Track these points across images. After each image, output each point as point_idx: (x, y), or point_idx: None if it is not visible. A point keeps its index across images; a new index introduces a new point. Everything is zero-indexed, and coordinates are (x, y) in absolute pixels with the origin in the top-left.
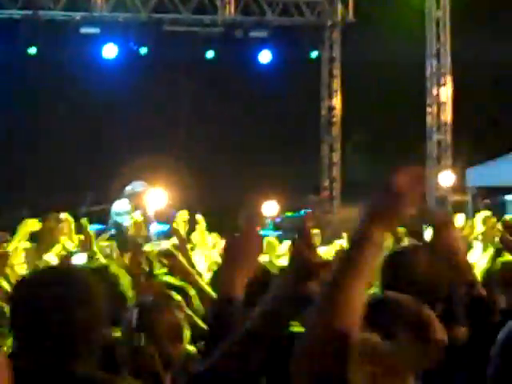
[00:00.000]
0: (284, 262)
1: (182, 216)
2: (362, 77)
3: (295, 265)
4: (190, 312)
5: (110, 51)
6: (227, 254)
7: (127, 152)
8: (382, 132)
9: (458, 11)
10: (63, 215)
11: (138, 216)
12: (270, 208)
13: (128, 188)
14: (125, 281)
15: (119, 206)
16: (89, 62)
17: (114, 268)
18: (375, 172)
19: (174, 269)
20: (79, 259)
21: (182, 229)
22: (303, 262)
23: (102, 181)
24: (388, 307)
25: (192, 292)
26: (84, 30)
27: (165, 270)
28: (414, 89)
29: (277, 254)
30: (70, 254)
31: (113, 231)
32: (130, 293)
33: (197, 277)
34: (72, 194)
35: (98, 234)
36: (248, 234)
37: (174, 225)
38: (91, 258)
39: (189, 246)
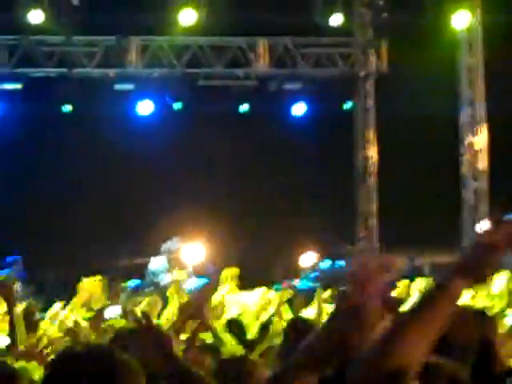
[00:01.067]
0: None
1: (230, 272)
2: (395, 127)
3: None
4: None
5: (145, 107)
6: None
7: (165, 207)
8: (417, 182)
9: (491, 58)
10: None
11: (176, 274)
12: (308, 259)
13: (164, 246)
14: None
15: (156, 264)
16: (124, 119)
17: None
18: (412, 222)
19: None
20: (112, 312)
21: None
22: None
23: (140, 236)
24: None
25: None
26: (118, 87)
27: None
28: (448, 139)
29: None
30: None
31: (151, 289)
32: None
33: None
34: (112, 245)
35: (135, 289)
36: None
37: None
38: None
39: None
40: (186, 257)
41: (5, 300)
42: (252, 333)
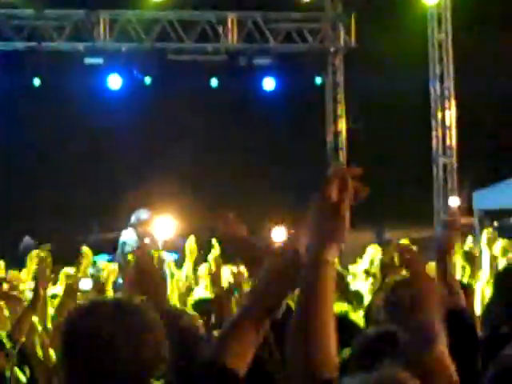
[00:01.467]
0: None
1: (191, 243)
2: (365, 102)
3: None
4: None
5: (114, 82)
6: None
7: (133, 180)
8: (388, 157)
9: (459, 33)
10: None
11: (146, 242)
12: (279, 233)
13: (133, 217)
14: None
15: (126, 236)
16: (93, 93)
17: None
18: (380, 196)
19: None
20: (85, 284)
21: (193, 256)
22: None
23: (108, 209)
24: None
25: None
26: (88, 61)
27: None
28: (418, 113)
29: None
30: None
31: (121, 260)
32: None
33: None
34: (79, 221)
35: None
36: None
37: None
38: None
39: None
40: (156, 230)
41: None
42: None
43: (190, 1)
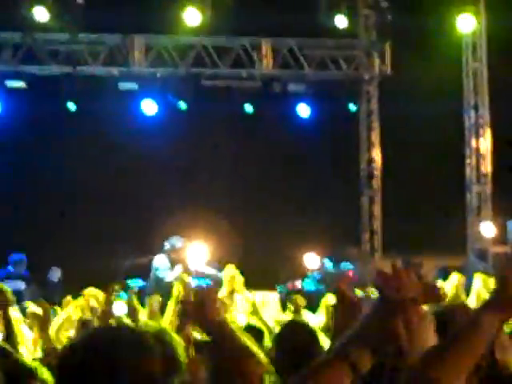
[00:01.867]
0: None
1: (230, 271)
2: (399, 129)
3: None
4: None
5: (149, 107)
6: None
7: (167, 207)
8: (421, 184)
9: (494, 61)
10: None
11: (179, 271)
12: (311, 260)
13: (167, 243)
14: (179, 346)
15: (159, 262)
16: (128, 118)
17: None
18: (415, 224)
19: None
20: (118, 309)
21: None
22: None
23: (142, 235)
24: None
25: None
26: (123, 86)
27: None
28: (452, 141)
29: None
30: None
31: (154, 286)
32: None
33: None
34: (113, 245)
35: (140, 289)
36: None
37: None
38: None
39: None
40: (189, 256)
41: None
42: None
43: (225, 26)
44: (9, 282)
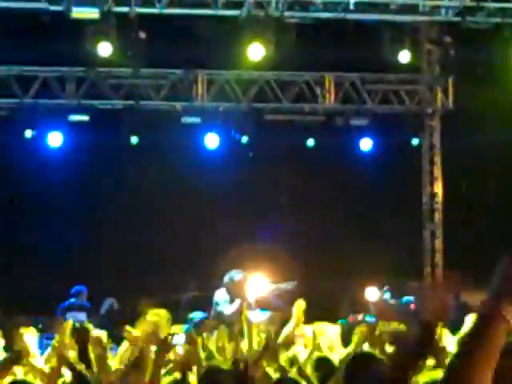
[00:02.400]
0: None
1: (300, 305)
2: (462, 163)
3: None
4: None
5: (211, 141)
6: None
7: (231, 240)
8: (484, 218)
9: None
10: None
11: (237, 304)
12: (372, 293)
13: (226, 277)
14: None
15: (219, 296)
16: (191, 152)
17: None
18: (478, 259)
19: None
20: (177, 340)
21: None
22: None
23: (204, 268)
24: None
25: None
26: (185, 120)
27: None
28: None
29: None
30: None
31: (214, 320)
32: None
33: None
34: (175, 279)
35: (201, 321)
36: None
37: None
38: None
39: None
40: (249, 289)
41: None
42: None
43: (288, 61)
44: (71, 313)
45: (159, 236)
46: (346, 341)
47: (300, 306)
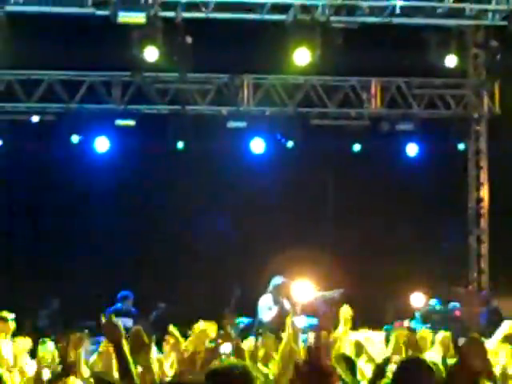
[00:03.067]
0: (434, 355)
1: (346, 312)
2: (508, 168)
3: None
4: None
5: (257, 145)
6: None
7: (277, 245)
8: None
9: None
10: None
11: (275, 311)
12: (418, 299)
13: (271, 283)
14: None
15: (262, 301)
16: (237, 156)
17: None
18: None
19: None
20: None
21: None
22: None
23: (251, 274)
24: None
25: None
26: (231, 125)
27: None
28: None
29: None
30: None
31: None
32: None
33: None
34: (221, 285)
35: (246, 327)
36: None
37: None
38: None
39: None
40: (294, 294)
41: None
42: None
43: (334, 66)
44: (117, 318)
45: (207, 241)
46: None
47: (347, 311)
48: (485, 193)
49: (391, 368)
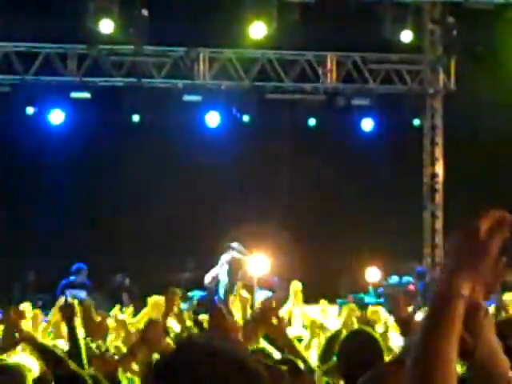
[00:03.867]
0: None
1: (295, 286)
2: (463, 144)
3: None
4: None
5: (212, 119)
6: None
7: (228, 219)
8: (484, 199)
9: None
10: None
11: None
12: (373, 274)
13: (227, 254)
14: None
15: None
16: (192, 130)
17: None
18: None
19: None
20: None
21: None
22: None
23: (204, 246)
24: None
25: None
26: (187, 98)
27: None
28: None
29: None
30: None
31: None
32: None
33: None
34: (172, 258)
35: (200, 299)
36: None
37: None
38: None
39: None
40: (251, 269)
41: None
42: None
43: (291, 41)
44: (70, 290)
45: (159, 213)
46: None
47: (296, 285)
48: (440, 168)
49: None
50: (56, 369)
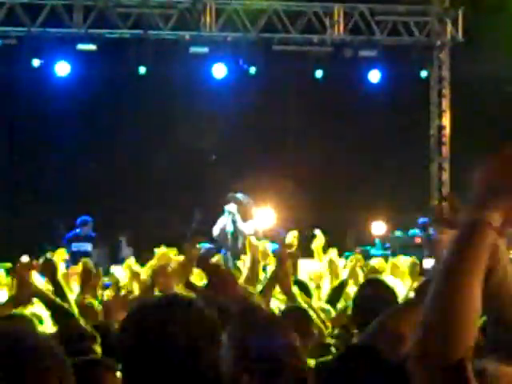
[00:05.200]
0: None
1: (293, 236)
2: (471, 96)
3: None
4: None
5: (219, 71)
6: None
7: (235, 170)
8: (492, 150)
9: None
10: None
11: (250, 230)
12: (378, 227)
13: (234, 195)
14: None
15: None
16: (198, 81)
17: None
18: None
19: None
20: None
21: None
22: None
23: (210, 199)
24: None
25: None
26: (193, 50)
27: None
28: None
29: None
30: None
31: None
32: None
33: None
34: (181, 211)
35: (208, 251)
36: None
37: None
38: None
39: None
40: (257, 222)
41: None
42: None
43: None
44: (76, 243)
45: (165, 166)
46: None
47: (293, 238)
48: (447, 121)
49: (347, 291)
50: (63, 326)
